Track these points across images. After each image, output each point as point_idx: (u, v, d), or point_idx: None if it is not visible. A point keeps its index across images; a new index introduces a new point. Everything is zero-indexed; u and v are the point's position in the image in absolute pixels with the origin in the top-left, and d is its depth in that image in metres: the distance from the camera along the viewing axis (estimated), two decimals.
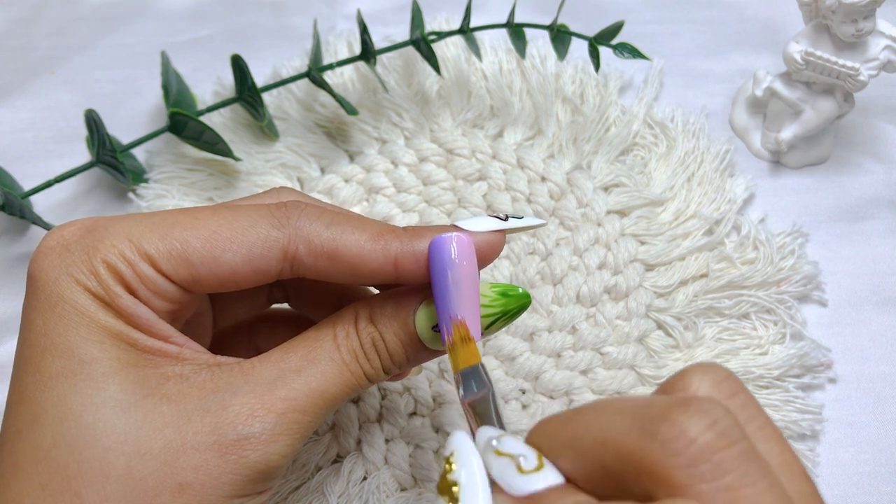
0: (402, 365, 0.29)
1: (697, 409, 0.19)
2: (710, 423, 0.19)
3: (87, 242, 0.26)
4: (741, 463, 0.19)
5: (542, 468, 0.21)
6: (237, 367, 0.27)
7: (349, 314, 0.29)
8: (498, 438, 0.22)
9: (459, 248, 0.27)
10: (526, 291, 0.29)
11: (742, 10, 0.53)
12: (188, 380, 0.26)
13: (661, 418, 0.19)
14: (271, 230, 0.27)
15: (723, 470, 0.18)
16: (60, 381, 0.25)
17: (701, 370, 0.22)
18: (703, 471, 0.18)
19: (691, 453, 0.18)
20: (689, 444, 0.19)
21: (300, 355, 0.28)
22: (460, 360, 0.26)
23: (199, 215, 0.27)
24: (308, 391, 0.27)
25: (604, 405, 0.21)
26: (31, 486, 0.24)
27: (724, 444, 0.19)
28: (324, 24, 0.52)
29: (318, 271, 0.28)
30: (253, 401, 0.26)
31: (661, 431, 0.19)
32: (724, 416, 0.19)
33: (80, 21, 0.53)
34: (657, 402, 0.20)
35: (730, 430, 0.19)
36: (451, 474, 0.22)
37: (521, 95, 0.48)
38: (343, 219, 0.28)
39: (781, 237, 0.44)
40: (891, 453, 0.40)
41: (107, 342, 0.26)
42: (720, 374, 0.22)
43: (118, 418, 0.25)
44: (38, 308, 0.26)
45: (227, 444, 0.25)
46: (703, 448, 0.18)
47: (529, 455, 0.21)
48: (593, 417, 0.21)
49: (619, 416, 0.20)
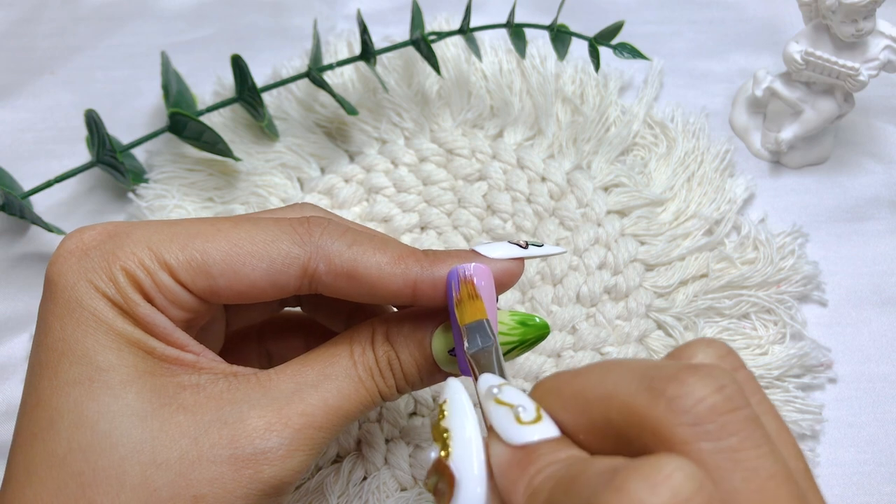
0: (415, 385, 0.29)
1: (707, 373, 0.19)
2: (719, 386, 0.19)
3: (107, 248, 0.26)
4: (745, 426, 0.19)
5: (539, 420, 0.21)
6: (254, 379, 0.27)
7: (366, 331, 0.29)
8: (499, 387, 0.22)
9: (479, 277, 0.27)
10: (545, 321, 0.29)
11: (742, 10, 0.53)
12: (205, 390, 0.26)
13: (670, 378, 0.19)
14: (293, 246, 0.27)
15: (727, 431, 0.19)
16: (77, 387, 0.25)
17: (705, 343, 0.22)
18: (707, 430, 0.18)
19: (698, 412, 0.19)
20: (696, 403, 0.19)
21: (317, 370, 0.28)
22: (467, 315, 0.26)
23: (221, 227, 0.27)
24: (325, 407, 0.27)
25: (611, 364, 0.21)
26: (45, 492, 0.24)
27: (731, 407, 0.19)
28: (324, 24, 0.52)
29: (336, 290, 0.28)
30: (270, 414, 0.26)
31: (669, 389, 0.19)
32: (732, 383, 0.19)
33: (80, 21, 0.53)
34: (666, 365, 0.20)
35: (736, 395, 0.19)
36: (443, 421, 0.22)
37: (521, 95, 0.48)
38: (365, 238, 0.28)
39: (781, 237, 0.44)
40: (891, 453, 0.40)
41: (124, 349, 0.26)
42: (723, 349, 0.22)
43: (134, 427, 0.25)
44: (56, 312, 0.26)
45: (244, 457, 0.25)
46: (711, 408, 0.19)
47: (528, 406, 0.22)
48: (600, 374, 0.21)
49: (627, 373, 0.20)
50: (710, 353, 0.22)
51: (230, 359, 0.29)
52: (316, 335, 0.36)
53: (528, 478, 0.20)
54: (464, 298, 0.27)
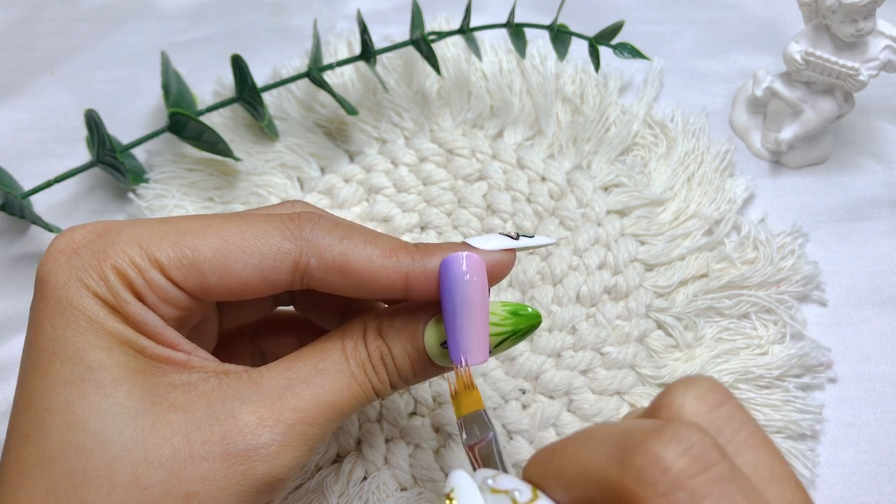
0: (408, 380, 0.29)
1: (672, 436, 0.19)
2: (685, 449, 0.19)
3: (98, 247, 0.26)
4: (717, 487, 0.19)
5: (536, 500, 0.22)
6: (245, 376, 0.27)
7: (358, 326, 0.29)
8: (493, 477, 0.23)
9: (470, 267, 0.27)
10: (536, 311, 0.29)
11: (742, 10, 0.53)
12: (196, 388, 0.26)
13: (636, 448, 0.19)
14: (283, 241, 0.27)
15: (698, 497, 0.18)
16: (68, 387, 0.25)
17: (683, 385, 0.22)
18: (679, 498, 0.18)
19: (666, 482, 0.19)
20: (663, 473, 0.19)
21: (309, 365, 0.28)
22: (463, 407, 0.27)
23: (211, 223, 0.27)
24: (316, 402, 0.27)
25: (586, 435, 0.21)
26: (37, 493, 0.24)
27: (699, 469, 0.19)
28: (324, 24, 0.52)
29: (328, 284, 0.27)
30: (261, 410, 0.26)
31: (636, 460, 0.19)
32: (700, 440, 0.19)
33: (80, 21, 0.53)
34: (635, 430, 0.20)
35: (705, 453, 0.19)
36: None
37: (521, 95, 0.48)
38: (355, 233, 0.28)
39: (781, 237, 0.44)
40: (891, 453, 0.40)
41: (115, 349, 0.26)
42: (704, 386, 0.22)
43: (126, 426, 0.25)
44: (47, 312, 0.26)
45: (236, 454, 0.25)
46: (678, 475, 0.19)
47: (524, 489, 0.22)
48: (576, 449, 0.21)
49: (600, 446, 0.20)
50: (688, 395, 0.22)
51: (223, 358, 0.28)
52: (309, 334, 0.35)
53: None
54: (460, 389, 0.27)
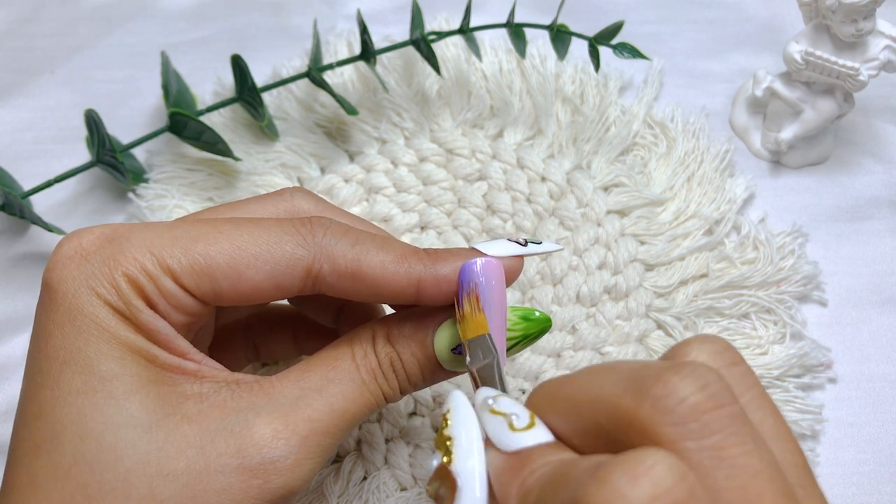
0: (417, 385, 0.29)
1: (690, 371, 0.20)
2: (702, 385, 0.19)
3: (108, 253, 0.26)
4: (729, 424, 0.19)
5: (532, 427, 0.22)
6: (257, 386, 0.27)
7: (366, 333, 0.29)
8: (494, 398, 0.23)
9: (490, 273, 0.27)
10: (546, 315, 0.29)
11: (742, 10, 0.53)
12: (208, 399, 0.26)
13: (654, 378, 0.20)
14: (296, 248, 0.27)
15: (710, 429, 0.19)
16: (80, 398, 0.25)
17: (701, 339, 0.23)
18: (690, 429, 0.19)
19: (680, 411, 0.19)
20: (679, 403, 0.19)
21: (320, 374, 0.27)
22: (469, 330, 0.27)
23: (223, 228, 0.27)
24: (330, 411, 0.27)
25: (601, 368, 0.22)
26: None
27: (714, 405, 0.19)
28: (324, 24, 0.52)
29: (339, 290, 0.27)
30: (276, 422, 0.26)
31: (652, 390, 0.19)
32: (716, 381, 0.20)
33: (80, 21, 0.53)
34: (652, 365, 0.20)
35: (720, 393, 0.19)
36: (446, 430, 0.23)
37: (521, 95, 0.48)
38: (367, 238, 0.28)
39: (781, 237, 0.44)
40: (891, 453, 0.40)
41: (127, 358, 0.25)
42: (720, 345, 0.23)
43: (139, 439, 0.24)
44: (56, 320, 0.25)
45: (252, 467, 0.25)
46: (693, 407, 0.19)
47: (522, 414, 0.22)
48: (589, 378, 0.22)
49: (614, 376, 0.21)
50: (705, 349, 0.22)
51: (217, 352, 0.28)
52: (304, 328, 0.36)
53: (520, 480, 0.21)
54: (467, 314, 0.27)
